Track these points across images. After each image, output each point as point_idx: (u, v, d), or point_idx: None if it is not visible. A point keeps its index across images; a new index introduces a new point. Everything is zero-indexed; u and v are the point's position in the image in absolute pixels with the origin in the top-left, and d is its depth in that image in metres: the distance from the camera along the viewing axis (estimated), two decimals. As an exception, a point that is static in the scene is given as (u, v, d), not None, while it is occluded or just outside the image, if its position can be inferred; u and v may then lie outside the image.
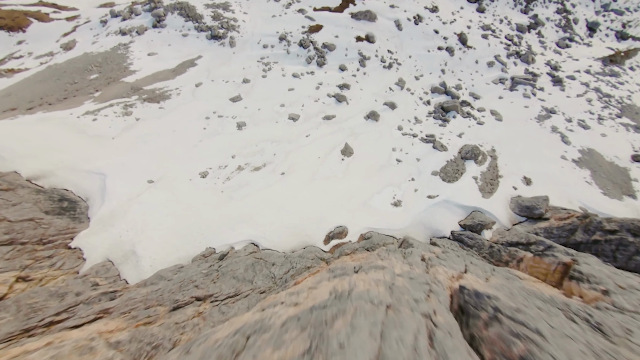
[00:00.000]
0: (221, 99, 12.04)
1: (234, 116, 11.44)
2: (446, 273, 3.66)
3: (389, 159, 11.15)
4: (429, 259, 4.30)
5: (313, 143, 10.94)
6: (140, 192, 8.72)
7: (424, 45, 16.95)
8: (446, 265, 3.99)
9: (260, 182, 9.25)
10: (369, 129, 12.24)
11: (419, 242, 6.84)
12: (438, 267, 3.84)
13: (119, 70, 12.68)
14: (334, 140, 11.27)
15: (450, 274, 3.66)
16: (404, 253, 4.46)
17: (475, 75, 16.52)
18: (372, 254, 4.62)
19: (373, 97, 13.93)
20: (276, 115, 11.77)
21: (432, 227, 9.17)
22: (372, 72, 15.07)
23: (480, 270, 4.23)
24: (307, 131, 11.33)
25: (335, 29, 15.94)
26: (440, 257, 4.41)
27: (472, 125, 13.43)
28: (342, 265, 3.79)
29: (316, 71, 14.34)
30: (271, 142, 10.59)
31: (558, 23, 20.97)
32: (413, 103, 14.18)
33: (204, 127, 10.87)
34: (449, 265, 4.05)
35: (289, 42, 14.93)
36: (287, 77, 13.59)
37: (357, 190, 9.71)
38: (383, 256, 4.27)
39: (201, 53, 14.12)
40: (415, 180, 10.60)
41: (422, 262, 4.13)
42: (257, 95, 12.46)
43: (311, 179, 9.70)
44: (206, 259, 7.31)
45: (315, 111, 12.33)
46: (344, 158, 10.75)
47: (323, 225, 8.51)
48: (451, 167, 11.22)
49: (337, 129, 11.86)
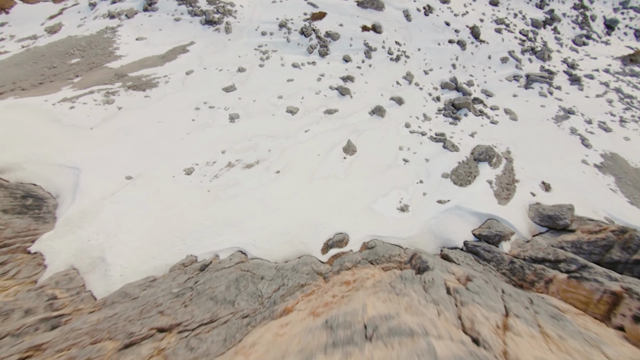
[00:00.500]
0: (213, 88, 11.03)
1: (226, 107, 10.44)
2: (486, 320, 2.73)
3: (395, 159, 10.17)
4: (456, 291, 3.37)
5: (312, 139, 9.95)
6: (117, 190, 7.75)
7: (434, 37, 15.89)
8: (481, 304, 3.06)
9: (252, 181, 8.27)
10: (374, 126, 11.24)
11: (433, 257, 5.88)
12: (472, 308, 2.92)
13: (103, 55, 11.65)
14: (335, 136, 10.28)
15: (492, 321, 2.72)
16: (424, 283, 3.54)
17: (488, 71, 15.48)
18: (384, 282, 3.69)
19: (379, 91, 12.92)
20: (273, 107, 10.76)
21: (442, 236, 8.21)
22: (379, 64, 14.04)
23: (522, 307, 3.29)
24: (307, 126, 10.33)
25: (340, 17, 14.87)
26: (469, 287, 3.49)
27: (485, 125, 12.44)
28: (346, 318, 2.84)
29: (318, 61, 13.30)
30: (266, 137, 9.59)
31: (575, 19, 19.88)
32: (422, 99, 13.17)
33: (192, 119, 9.87)
34: (484, 302, 3.13)
35: (289, 29, 13.87)
36: (286, 67, 12.56)
37: (360, 192, 8.74)
38: (399, 289, 3.34)
39: (194, 39, 13.07)
40: (423, 182, 9.62)
41: (449, 297, 3.19)
42: (253, 86, 11.44)
43: (309, 179, 8.72)
44: (185, 269, 6.36)
45: (315, 104, 11.33)
46: (346, 156, 9.77)
47: (321, 232, 7.55)
48: (463, 169, 10.24)
49: (339, 124, 10.86)
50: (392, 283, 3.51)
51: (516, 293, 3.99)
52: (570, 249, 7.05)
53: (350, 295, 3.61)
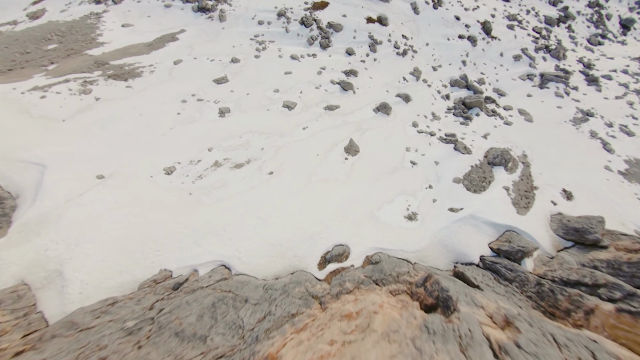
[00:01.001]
0: (203, 79, 10.04)
1: (216, 100, 9.46)
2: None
3: (402, 161, 9.20)
4: (506, 353, 2.42)
5: (311, 137, 8.97)
6: (85, 191, 6.76)
7: (443, 32, 14.93)
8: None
9: (241, 183, 7.29)
10: (379, 124, 10.27)
11: (452, 281, 4.91)
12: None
13: (84, 42, 10.65)
14: (336, 135, 9.31)
15: None
16: (459, 338, 2.61)
17: (500, 69, 14.53)
18: (402, 335, 2.76)
19: (384, 87, 11.95)
20: (268, 102, 9.78)
21: (455, 249, 7.25)
22: (384, 58, 13.07)
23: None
24: (305, 123, 9.36)
25: (343, 7, 13.90)
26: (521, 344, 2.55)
27: (498, 126, 11.49)
28: None
29: (319, 54, 12.33)
30: (259, 134, 8.61)
31: (590, 18, 18.95)
32: (430, 97, 12.21)
33: (178, 112, 8.88)
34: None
35: (288, 19, 12.90)
36: (284, 59, 11.59)
37: (363, 198, 7.77)
38: (428, 354, 2.41)
39: (185, 27, 12.08)
40: (433, 188, 8.66)
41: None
42: (247, 78, 10.46)
43: (306, 182, 7.74)
44: (157, 287, 5.38)
45: (315, 100, 10.36)
46: (348, 157, 8.79)
47: (318, 243, 6.57)
48: (477, 173, 9.28)
49: (340, 122, 9.89)
50: (415, 340, 2.57)
51: (569, 339, 3.04)
52: (607, 270, 6.09)
53: (354, 344, 2.67)
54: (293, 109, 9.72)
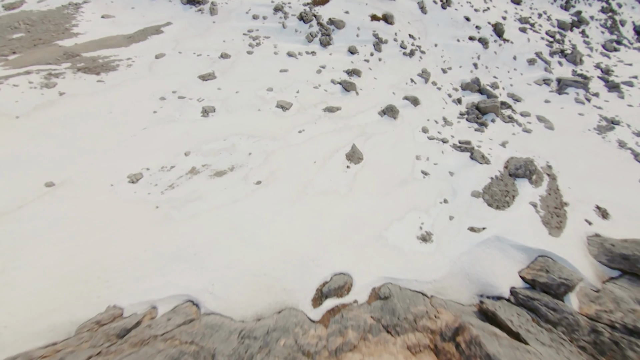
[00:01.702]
0: (187, 76, 8.90)
1: (200, 99, 8.29)
2: None
3: (412, 171, 8.00)
4: None
5: (308, 142, 7.77)
6: (27, 202, 5.49)
7: (453, 33, 13.95)
8: None
9: (221, 194, 6.04)
10: (385, 129, 9.10)
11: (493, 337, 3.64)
12: None
13: (55, 32, 9.52)
14: (337, 140, 8.12)
15: None
16: None
17: (513, 73, 13.50)
18: None
19: (390, 88, 10.84)
20: (260, 101, 8.62)
21: (479, 279, 5.98)
22: (390, 58, 12.01)
23: None
24: (301, 125, 8.17)
25: (346, 3, 12.93)
26: None
27: (517, 133, 10.34)
28: None
29: (319, 52, 11.25)
30: (247, 137, 7.41)
31: (603, 23, 18.11)
32: (440, 100, 11.10)
33: (154, 111, 7.69)
34: None
35: (285, 14, 11.88)
36: (280, 56, 10.49)
37: (369, 214, 6.53)
38: None
39: (171, 20, 11.02)
40: (449, 202, 7.44)
41: None
42: (238, 75, 9.32)
43: (301, 195, 6.50)
44: (98, 331, 4.07)
45: (314, 100, 9.20)
46: (350, 165, 7.58)
47: (313, 273, 5.29)
48: (498, 186, 8.07)
49: (342, 125, 8.71)
50: None
51: None
52: (678, 313, 4.84)
53: None
54: (288, 109, 8.54)
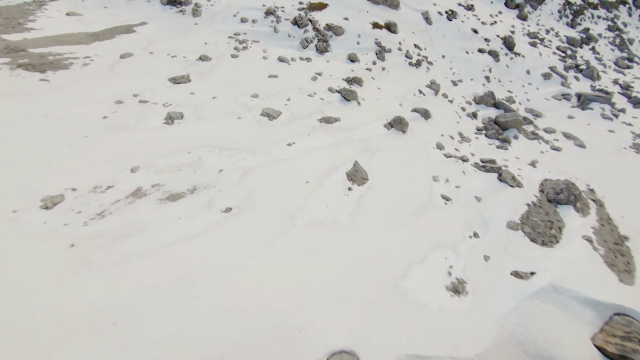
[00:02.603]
0: (156, 78, 7.41)
1: (167, 103, 6.73)
2: None
3: (430, 195, 6.35)
4: None
5: (299, 157, 6.15)
6: None
7: (461, 45, 12.90)
8: None
9: (173, 227, 4.27)
10: (393, 144, 7.56)
11: None
12: None
13: (4, 26, 8.11)
14: (335, 155, 6.52)
15: None
16: None
17: (528, 87, 12.32)
18: None
19: (396, 100, 9.45)
20: (241, 108, 7.08)
21: (539, 350, 4.15)
22: (394, 68, 10.75)
23: None
24: (291, 137, 6.59)
25: (345, 10, 11.90)
26: None
27: (545, 151, 8.86)
28: None
29: (314, 58, 9.95)
30: (220, 150, 5.76)
31: (612, 41, 17.43)
32: (453, 114, 9.71)
33: (104, 116, 6.08)
34: None
35: (278, 17, 10.71)
36: (269, 61, 9.12)
37: (379, 254, 4.77)
38: None
39: (147, 20, 9.74)
40: (480, 237, 5.74)
41: None
42: (218, 79, 7.86)
43: (286, 226, 4.76)
44: None
45: (307, 109, 7.71)
46: (352, 187, 5.92)
47: (299, 350, 3.44)
48: (538, 215, 6.42)
49: (341, 138, 7.16)
50: None
51: None
52: None
53: None
54: (275, 118, 6.99)
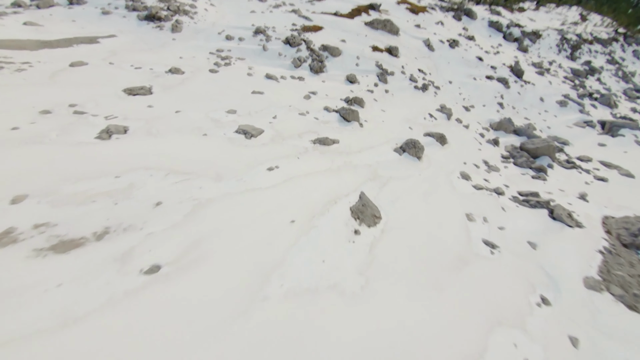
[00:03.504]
0: (107, 88, 5.90)
1: (110, 116, 5.12)
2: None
3: (467, 241, 4.49)
4: None
5: (283, 186, 4.38)
6: None
7: (467, 72, 12.02)
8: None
9: (43, 303, 2.31)
10: (408, 171, 5.89)
11: None
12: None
13: (-64, 32, 6.78)
14: (334, 184, 4.77)
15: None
16: None
17: (546, 115, 11.17)
18: None
19: (405, 123, 8.03)
20: (211, 124, 5.48)
21: None
22: (399, 91, 9.56)
23: None
24: (274, 159, 4.89)
25: (342, 33, 11.08)
26: None
27: (590, 182, 7.24)
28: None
29: (308, 78, 8.72)
30: (165, 174, 3.99)
31: (615, 73, 17.04)
32: (472, 140, 8.26)
33: (14, 126, 4.38)
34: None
35: (268, 37, 9.72)
36: (255, 77, 7.82)
37: (409, 344, 2.79)
38: None
39: (119, 33, 8.61)
40: (552, 305, 3.78)
41: None
42: (188, 93, 6.39)
43: (252, 299, 2.80)
44: None
45: (298, 129, 6.14)
46: (360, 229, 4.08)
47: None
48: (621, 267, 4.53)
49: (341, 163, 5.48)
50: None
51: None
52: None
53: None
54: (255, 137, 5.37)
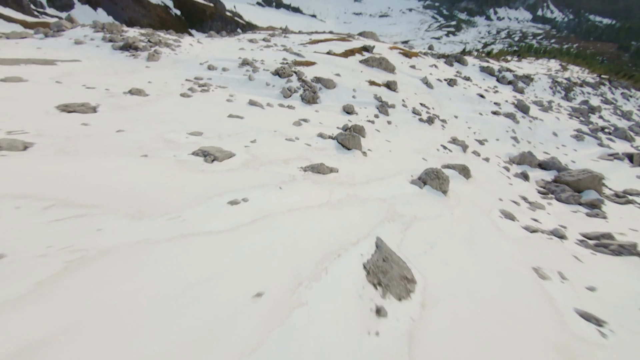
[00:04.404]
0: (37, 103, 4.50)
1: (18, 130, 3.60)
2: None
3: (556, 316, 2.69)
4: None
5: (249, 228, 2.64)
6: None
7: (471, 107, 11.24)
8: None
9: None
10: (436, 209, 4.26)
11: None
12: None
13: None
14: (333, 225, 3.07)
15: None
16: None
17: (564, 149, 10.07)
18: None
19: (417, 154, 6.67)
20: (160, 144, 3.97)
21: None
22: (403, 123, 8.44)
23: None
24: (242, 190, 3.25)
25: (336, 68, 10.43)
26: None
27: (661, 222, 5.65)
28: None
29: (300, 107, 7.59)
30: (45, 206, 2.26)
31: (613, 112, 16.76)
32: (498, 173, 6.84)
33: None
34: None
35: (255, 68, 8.87)
36: (235, 104, 6.60)
37: None
38: None
39: (86, 59, 7.60)
40: None
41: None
42: (145, 114, 5.01)
43: None
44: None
45: (283, 154, 4.64)
46: (383, 305, 2.26)
47: None
48: None
49: (342, 196, 3.85)
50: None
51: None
52: None
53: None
54: (219, 160, 3.82)
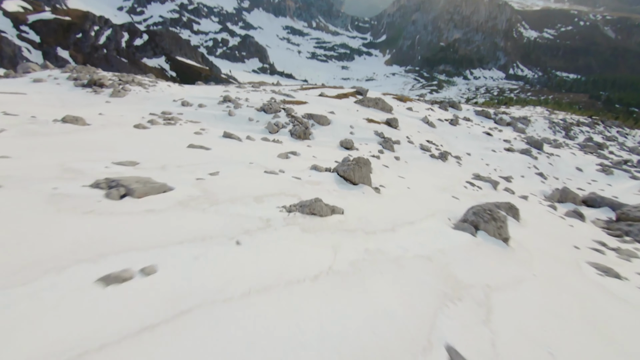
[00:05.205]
0: None
1: None
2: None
3: None
4: None
5: (129, 348, 0.94)
6: None
7: (481, 145, 10.19)
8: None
9: None
10: (507, 270, 2.54)
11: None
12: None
13: None
14: (345, 329, 1.36)
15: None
16: None
17: (597, 184, 8.76)
18: None
19: (441, 192, 5.11)
20: (50, 174, 2.34)
21: None
22: (413, 160, 7.10)
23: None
24: (161, 248, 1.57)
25: (330, 107, 9.48)
26: None
27: None
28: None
29: (288, 142, 6.25)
30: None
31: (620, 147, 16.15)
32: (548, 214, 5.27)
33: None
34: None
35: (238, 105, 7.77)
36: (204, 136, 5.18)
37: None
38: None
39: (36, 93, 6.33)
40: None
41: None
42: (63, 142, 3.50)
43: None
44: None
45: (260, 189, 3.01)
46: None
47: None
48: None
49: (358, 255, 2.15)
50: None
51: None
52: None
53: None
54: (134, 196, 2.17)
